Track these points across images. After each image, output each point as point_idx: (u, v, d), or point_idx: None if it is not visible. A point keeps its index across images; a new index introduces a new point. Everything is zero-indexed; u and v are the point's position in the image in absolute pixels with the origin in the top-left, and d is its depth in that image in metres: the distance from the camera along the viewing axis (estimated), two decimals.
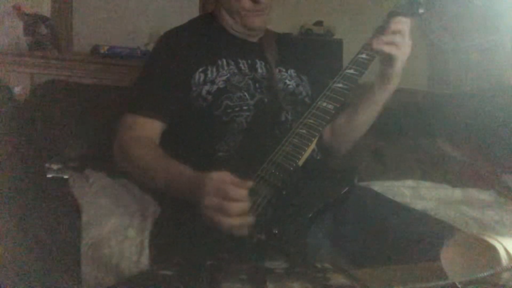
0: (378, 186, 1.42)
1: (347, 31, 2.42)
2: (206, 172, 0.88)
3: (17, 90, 1.72)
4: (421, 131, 2.02)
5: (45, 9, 2.04)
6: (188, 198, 0.91)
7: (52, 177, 1.25)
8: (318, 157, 1.13)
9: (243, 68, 1.17)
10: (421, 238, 0.88)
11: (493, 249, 0.57)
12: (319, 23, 2.47)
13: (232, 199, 0.81)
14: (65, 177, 1.24)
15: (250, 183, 0.85)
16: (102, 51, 1.95)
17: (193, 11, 2.33)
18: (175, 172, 0.97)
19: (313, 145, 0.99)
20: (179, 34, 1.24)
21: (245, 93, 1.13)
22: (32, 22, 1.86)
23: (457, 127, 2.02)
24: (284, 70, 1.23)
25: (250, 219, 0.83)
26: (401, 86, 2.81)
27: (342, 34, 2.43)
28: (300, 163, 0.95)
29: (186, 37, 1.21)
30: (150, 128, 1.11)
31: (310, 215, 0.90)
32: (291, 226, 0.87)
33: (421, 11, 1.14)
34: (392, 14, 1.12)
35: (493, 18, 2.44)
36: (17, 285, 0.88)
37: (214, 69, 1.15)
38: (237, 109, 1.11)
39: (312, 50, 1.49)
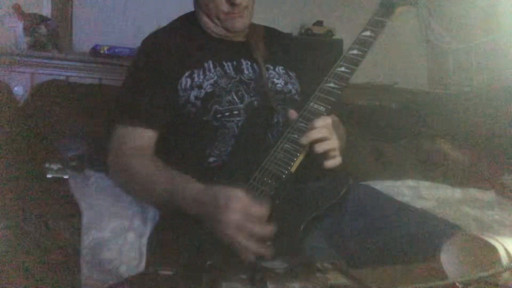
0: (378, 186, 1.42)
1: (347, 31, 2.42)
2: (218, 187, 0.87)
3: (17, 90, 1.72)
4: (421, 131, 2.02)
5: (45, 9, 2.03)
6: (194, 211, 0.89)
7: (52, 177, 1.24)
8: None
9: (228, 71, 1.14)
10: (421, 236, 0.88)
11: (493, 249, 0.57)
12: (319, 23, 2.47)
13: (256, 221, 0.81)
14: (65, 177, 1.24)
15: (267, 209, 0.84)
16: (102, 51, 1.94)
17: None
18: (179, 183, 0.95)
19: (305, 150, 0.95)
20: (162, 39, 1.20)
21: (234, 97, 1.11)
22: (32, 22, 1.86)
23: (457, 127, 2.02)
24: (272, 68, 1.19)
25: (267, 252, 0.81)
26: (401, 86, 2.81)
27: (342, 34, 2.43)
28: (293, 169, 0.92)
29: (169, 42, 1.18)
30: (144, 138, 1.09)
31: (302, 227, 0.88)
32: (285, 237, 0.85)
33: None
34: (384, 5, 1.08)
35: (493, 18, 2.44)
36: (18, 286, 0.87)
37: (201, 73, 1.12)
38: (227, 113, 1.09)
39: (301, 46, 1.44)
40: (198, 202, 0.89)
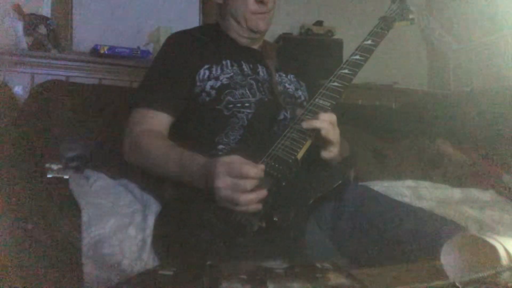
0: (378, 186, 1.43)
1: (347, 31, 2.42)
2: (218, 157, 0.92)
3: (17, 90, 1.72)
4: (421, 131, 2.02)
5: (45, 9, 2.03)
6: (199, 184, 0.95)
7: (52, 177, 1.25)
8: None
9: (245, 70, 1.23)
10: (421, 236, 0.88)
11: (493, 249, 0.57)
12: (319, 23, 2.47)
13: (245, 176, 0.86)
14: (65, 177, 1.24)
15: (262, 166, 0.89)
16: (102, 51, 1.95)
17: (193, 11, 2.33)
18: (187, 159, 1.01)
19: (310, 140, 1.02)
20: (187, 35, 1.31)
21: (247, 91, 1.18)
22: (32, 22, 1.86)
23: (457, 127, 2.02)
24: (284, 75, 1.29)
25: (264, 193, 0.87)
26: (401, 86, 2.81)
27: (342, 34, 2.43)
28: (299, 156, 0.98)
29: (193, 38, 1.28)
30: (159, 121, 1.16)
31: (310, 202, 0.93)
32: (291, 214, 0.90)
33: (411, 16, 1.20)
34: (385, 19, 1.18)
35: (493, 18, 2.44)
36: (18, 286, 0.88)
37: (219, 68, 1.21)
38: (238, 105, 1.16)
39: (311, 56, 1.55)
40: (201, 173, 0.94)
